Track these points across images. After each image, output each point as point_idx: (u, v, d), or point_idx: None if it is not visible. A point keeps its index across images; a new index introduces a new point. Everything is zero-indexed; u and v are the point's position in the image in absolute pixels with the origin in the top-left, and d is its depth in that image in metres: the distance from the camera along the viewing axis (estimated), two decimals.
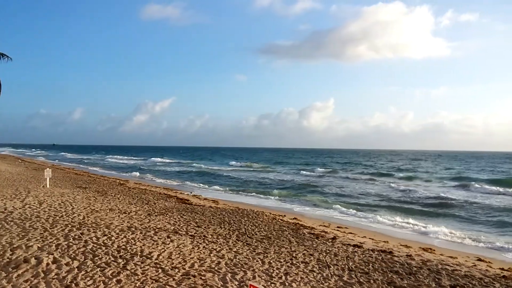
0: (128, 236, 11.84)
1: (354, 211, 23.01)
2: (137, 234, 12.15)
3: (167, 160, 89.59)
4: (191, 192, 28.98)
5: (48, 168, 26.46)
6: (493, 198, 30.52)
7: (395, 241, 14.87)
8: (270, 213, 19.83)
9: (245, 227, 15.10)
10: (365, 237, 15.33)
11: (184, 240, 11.99)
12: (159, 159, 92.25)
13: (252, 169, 65.48)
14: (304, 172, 56.76)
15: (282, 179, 44.97)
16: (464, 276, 10.08)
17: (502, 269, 11.29)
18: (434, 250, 13.59)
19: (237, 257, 10.49)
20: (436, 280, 9.57)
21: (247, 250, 11.39)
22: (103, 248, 10.21)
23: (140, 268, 8.77)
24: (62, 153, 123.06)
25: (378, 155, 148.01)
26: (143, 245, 10.87)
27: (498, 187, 36.31)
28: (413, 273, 10.04)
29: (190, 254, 10.31)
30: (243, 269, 9.37)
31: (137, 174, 48.47)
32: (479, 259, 12.57)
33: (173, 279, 8.18)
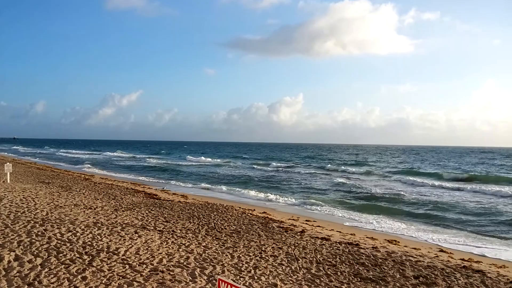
0: (94, 232, 11.54)
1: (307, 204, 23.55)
2: (103, 230, 11.87)
3: (124, 155, 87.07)
4: (163, 188, 28.53)
5: (8, 163, 25.38)
6: (424, 190, 32.07)
7: (362, 234, 15.22)
8: (240, 207, 19.84)
9: (215, 221, 15.04)
10: (332, 230, 15.60)
11: (152, 235, 11.82)
12: (115, 154, 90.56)
13: (206, 163, 64.11)
14: (257, 166, 56.50)
15: (232, 174, 44.73)
16: (427, 266, 10.45)
17: (463, 259, 11.77)
18: (398, 242, 14.00)
19: (206, 251, 10.44)
20: (401, 271, 9.87)
21: (216, 244, 11.36)
22: (68, 244, 9.91)
23: (107, 264, 8.58)
24: (15, 147, 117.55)
25: (344, 149, 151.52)
26: (110, 241, 10.63)
27: (434, 181, 38.53)
28: (379, 265, 10.31)
29: (158, 250, 10.17)
30: (212, 263, 9.34)
31: (86, 167, 48.30)
32: (441, 250, 13.05)
33: (141, 275, 8.04)
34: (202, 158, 74.03)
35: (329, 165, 58.66)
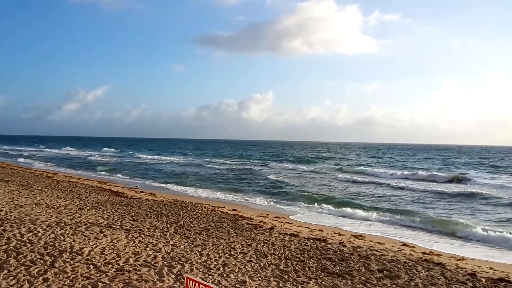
0: (57, 232, 11.18)
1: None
2: (66, 230, 11.51)
3: (72, 153, 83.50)
4: (137, 186, 27.91)
5: None
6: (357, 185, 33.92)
7: (329, 230, 15.49)
8: (209, 205, 19.74)
9: (183, 219, 14.90)
10: (301, 226, 15.79)
11: (119, 234, 11.57)
12: (60, 151, 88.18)
13: (145, 160, 62.26)
14: (205, 164, 56.09)
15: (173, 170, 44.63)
16: (391, 260, 10.76)
17: (424, 253, 12.20)
18: (364, 237, 14.35)
19: (175, 250, 10.33)
20: (366, 265, 10.13)
21: (185, 242, 11.26)
22: (28, 245, 9.55)
23: (70, 265, 8.33)
24: None
25: (312, 147, 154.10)
26: (73, 241, 10.33)
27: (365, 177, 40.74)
28: (345, 259, 10.54)
29: (124, 249, 9.97)
30: (180, 262, 9.25)
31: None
32: (404, 244, 13.48)
33: (106, 275, 7.86)
34: (147, 156, 72.20)
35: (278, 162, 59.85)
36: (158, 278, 7.99)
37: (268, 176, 37.10)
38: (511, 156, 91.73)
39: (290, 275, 8.94)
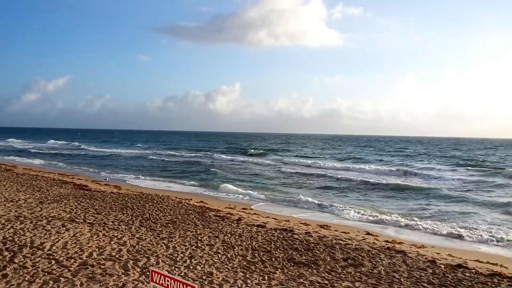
0: (16, 226, 10.76)
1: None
2: (26, 224, 11.09)
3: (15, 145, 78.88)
4: (106, 179, 27.15)
5: None
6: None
7: (296, 220, 15.70)
8: (176, 197, 19.55)
9: (149, 212, 14.68)
10: (268, 217, 15.92)
11: (82, 228, 11.27)
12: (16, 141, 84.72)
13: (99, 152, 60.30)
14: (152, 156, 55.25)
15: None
16: (355, 249, 11.05)
17: (387, 241, 12.60)
18: (329, 226, 14.64)
19: (140, 243, 10.17)
20: (331, 254, 10.35)
21: (151, 235, 11.11)
22: None
23: (30, 260, 8.05)
24: None
25: (274, 138, 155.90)
26: (34, 235, 9.97)
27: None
28: (311, 249, 10.72)
29: (88, 243, 9.73)
30: (146, 255, 9.13)
31: None
32: (368, 233, 13.86)
33: (69, 270, 7.65)
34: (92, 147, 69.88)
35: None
36: (123, 271, 7.85)
37: (211, 169, 37.34)
38: (464, 148, 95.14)
39: (257, 265, 9.01)
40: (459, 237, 14.18)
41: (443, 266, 9.83)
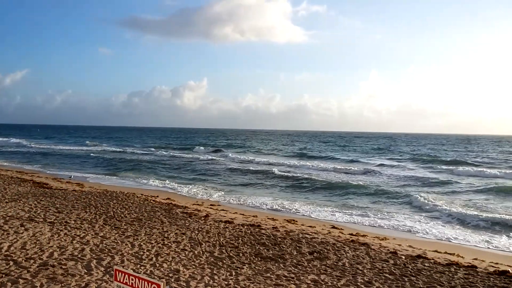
0: None
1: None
2: None
3: None
4: (71, 177, 26.20)
5: None
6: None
7: (263, 215, 15.80)
8: (142, 194, 19.21)
9: (114, 210, 14.36)
10: (236, 213, 15.93)
11: (42, 228, 10.88)
12: None
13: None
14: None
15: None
16: (321, 242, 11.26)
17: (351, 234, 12.91)
18: (296, 221, 14.83)
19: (104, 242, 9.94)
20: (297, 248, 10.50)
21: (115, 234, 10.87)
22: None
23: None
24: None
25: (239, 134, 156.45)
26: None
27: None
28: (278, 244, 10.83)
29: (48, 243, 9.41)
30: (110, 254, 8.93)
31: None
32: (333, 227, 14.14)
33: (28, 271, 7.38)
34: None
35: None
36: (86, 271, 7.65)
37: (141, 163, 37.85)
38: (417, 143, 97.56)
39: (224, 261, 9.01)
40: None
41: (404, 257, 10.19)
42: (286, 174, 30.40)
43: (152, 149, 58.07)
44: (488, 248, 12.37)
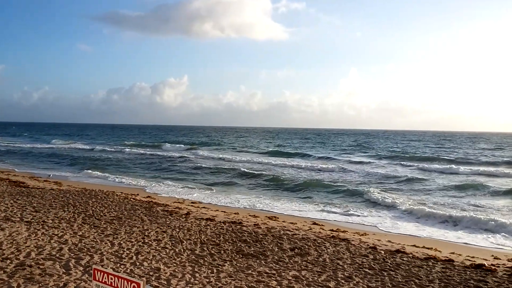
0: None
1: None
2: None
3: None
4: (50, 175, 25.60)
5: None
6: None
7: (245, 212, 15.81)
8: (122, 192, 18.97)
9: (93, 208, 14.14)
10: (217, 210, 15.90)
11: (19, 227, 10.63)
12: None
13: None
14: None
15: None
16: (302, 239, 11.34)
17: (332, 230, 13.05)
18: (278, 218, 14.90)
19: (83, 241, 9.78)
20: (279, 244, 10.55)
21: (94, 232, 10.71)
22: None
23: None
24: None
25: (218, 131, 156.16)
26: None
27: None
28: (259, 240, 10.87)
29: (25, 243, 9.21)
30: (89, 253, 8.80)
31: None
32: (314, 223, 14.26)
33: (4, 272, 7.21)
34: None
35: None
36: (64, 271, 7.52)
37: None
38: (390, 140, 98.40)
39: (205, 259, 8.99)
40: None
41: (383, 252, 10.36)
42: (253, 172, 29.96)
43: (121, 146, 57.25)
44: (446, 240, 12.76)
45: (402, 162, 39.41)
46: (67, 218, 12.28)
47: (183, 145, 61.83)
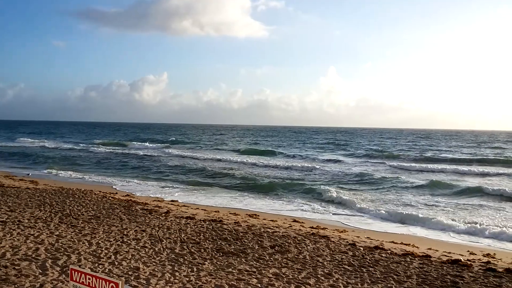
0: None
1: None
2: None
3: None
4: (29, 174, 24.93)
5: None
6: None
7: (225, 210, 15.79)
8: (100, 191, 18.67)
9: (70, 208, 13.87)
10: (197, 209, 15.83)
11: None
12: None
13: None
14: None
15: None
16: (282, 236, 11.40)
17: (312, 227, 13.15)
18: (258, 215, 14.93)
19: (60, 241, 9.59)
20: (259, 242, 10.58)
21: (72, 232, 10.51)
22: None
23: None
24: None
25: (196, 129, 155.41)
26: None
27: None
28: (240, 238, 10.87)
29: (0, 243, 8.96)
30: (66, 253, 8.63)
31: None
32: (295, 221, 14.35)
33: None
34: None
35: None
36: (41, 271, 7.35)
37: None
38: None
39: (185, 257, 8.94)
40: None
41: (362, 249, 10.51)
42: (227, 171, 29.66)
43: (90, 145, 56.31)
44: (424, 237, 13.05)
45: (373, 161, 40.00)
46: (44, 218, 12.01)
47: (154, 144, 60.72)
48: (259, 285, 7.49)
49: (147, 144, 59.35)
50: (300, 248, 10.17)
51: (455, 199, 20.23)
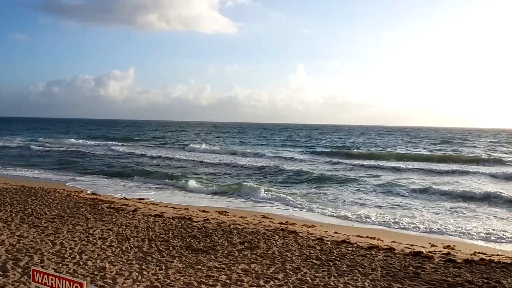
0: None
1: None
2: None
3: None
4: None
5: None
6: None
7: (194, 208, 15.68)
8: (64, 189, 18.11)
9: (32, 207, 13.39)
10: (166, 206, 15.63)
11: None
12: None
13: None
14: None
15: None
16: (251, 232, 11.45)
17: (281, 223, 13.28)
18: (228, 212, 14.92)
19: (22, 241, 9.25)
20: (229, 239, 10.58)
21: (34, 232, 10.16)
22: None
23: None
24: None
25: (161, 126, 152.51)
26: None
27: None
28: (209, 235, 10.84)
29: None
30: (28, 254, 8.34)
31: None
32: (264, 217, 14.44)
33: None
34: None
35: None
36: (1, 273, 7.08)
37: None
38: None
39: (153, 256, 8.83)
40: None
41: (329, 243, 10.72)
42: (157, 168, 29.26)
43: (32, 142, 53.88)
44: (389, 230, 13.42)
45: (325, 158, 39.73)
46: (4, 218, 11.54)
47: (101, 141, 58.98)
48: (228, 281, 7.50)
49: (91, 141, 57.32)
50: (269, 244, 10.26)
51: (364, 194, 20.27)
